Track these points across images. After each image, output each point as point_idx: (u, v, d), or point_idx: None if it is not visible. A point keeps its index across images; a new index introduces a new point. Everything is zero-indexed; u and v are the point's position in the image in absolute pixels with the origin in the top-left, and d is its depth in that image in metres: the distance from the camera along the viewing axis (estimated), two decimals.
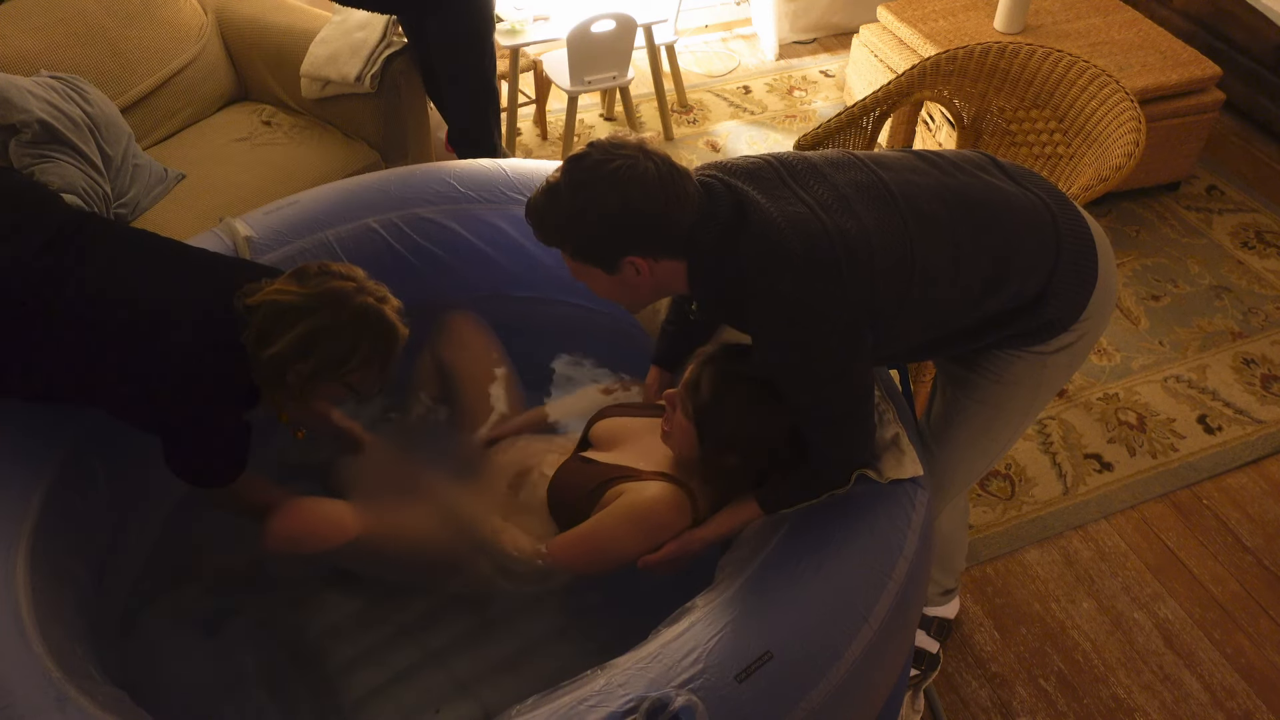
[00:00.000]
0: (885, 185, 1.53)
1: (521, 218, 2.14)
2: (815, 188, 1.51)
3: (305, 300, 1.64)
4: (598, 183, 1.43)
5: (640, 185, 1.42)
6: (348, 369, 1.67)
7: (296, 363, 1.63)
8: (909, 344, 1.63)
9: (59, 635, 1.51)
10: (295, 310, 1.63)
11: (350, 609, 1.88)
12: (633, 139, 1.47)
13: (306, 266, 1.70)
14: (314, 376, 1.66)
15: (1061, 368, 1.71)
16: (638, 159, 1.44)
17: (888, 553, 1.54)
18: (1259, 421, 2.79)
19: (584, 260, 1.51)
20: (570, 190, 1.45)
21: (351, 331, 1.65)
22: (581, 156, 1.46)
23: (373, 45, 2.86)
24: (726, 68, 4.29)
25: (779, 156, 1.58)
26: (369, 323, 1.66)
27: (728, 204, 1.48)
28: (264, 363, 1.64)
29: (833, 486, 1.60)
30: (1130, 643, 2.29)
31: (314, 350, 1.63)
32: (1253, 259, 3.33)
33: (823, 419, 1.55)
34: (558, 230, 1.49)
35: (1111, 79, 2.36)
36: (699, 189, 1.49)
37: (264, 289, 1.66)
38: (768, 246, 1.45)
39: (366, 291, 1.67)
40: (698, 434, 1.69)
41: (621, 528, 1.71)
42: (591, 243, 1.48)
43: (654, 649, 1.43)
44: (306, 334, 1.62)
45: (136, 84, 2.83)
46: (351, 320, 1.64)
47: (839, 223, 1.46)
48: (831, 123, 2.49)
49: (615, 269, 1.49)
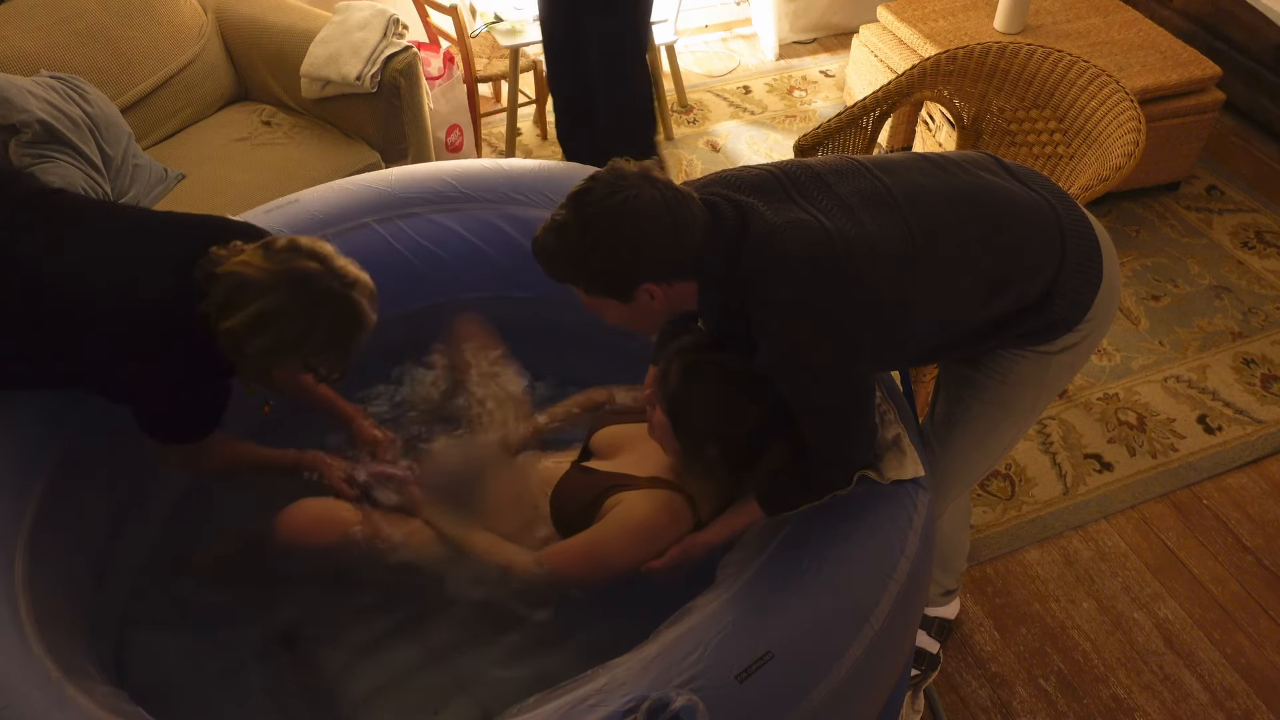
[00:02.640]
0: (889, 190, 1.53)
1: (522, 218, 2.17)
2: (818, 198, 1.51)
3: (266, 277, 1.58)
4: (606, 217, 1.42)
5: (649, 215, 1.42)
6: (305, 351, 1.62)
7: (253, 339, 1.59)
8: (915, 348, 1.63)
9: (59, 635, 1.51)
10: (255, 286, 1.58)
11: (350, 609, 1.88)
12: (633, 168, 1.47)
13: (274, 240, 1.65)
14: (270, 354, 1.61)
15: (1065, 367, 1.72)
16: (643, 189, 1.43)
17: (889, 553, 1.54)
18: (1259, 421, 2.79)
19: (598, 294, 1.50)
20: (579, 227, 1.44)
21: (310, 315, 1.59)
22: (585, 191, 1.45)
23: (373, 45, 2.86)
24: (726, 68, 4.29)
25: (782, 167, 1.58)
26: (329, 307, 1.60)
27: (732, 220, 1.48)
28: (222, 334, 1.60)
29: (834, 488, 1.60)
30: (1130, 643, 2.29)
31: (269, 329, 1.58)
32: (1253, 259, 3.33)
33: (824, 421, 1.55)
34: (570, 268, 1.48)
35: (1111, 79, 2.37)
36: (703, 209, 1.48)
37: (230, 258, 1.62)
38: (768, 252, 1.45)
39: (332, 274, 1.62)
40: (673, 428, 1.68)
41: (619, 538, 1.70)
42: (605, 277, 1.47)
43: (655, 649, 1.43)
44: (262, 313, 1.57)
45: (136, 84, 2.83)
46: (311, 303, 1.59)
47: (840, 226, 1.47)
48: (831, 123, 2.49)
49: (630, 298, 1.49)
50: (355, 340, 1.65)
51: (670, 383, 1.67)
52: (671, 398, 1.67)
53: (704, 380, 1.65)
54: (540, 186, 2.19)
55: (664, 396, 1.68)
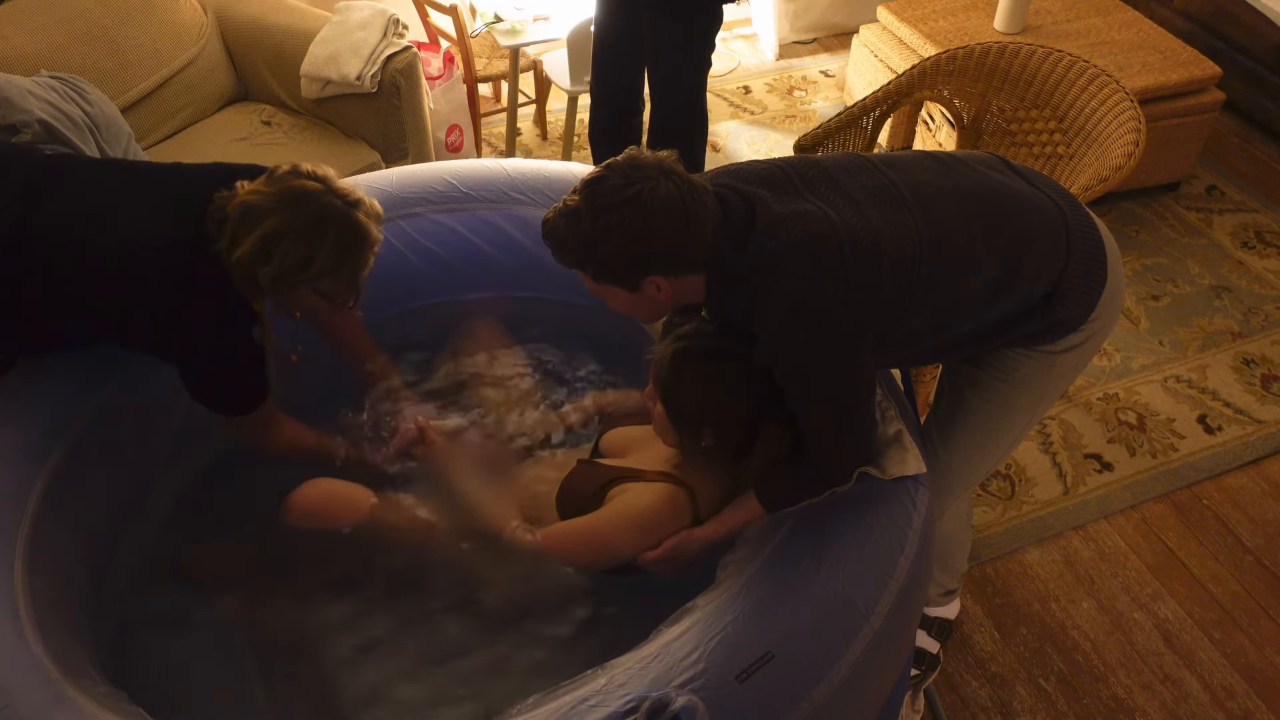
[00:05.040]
0: (896, 186, 1.53)
1: (523, 217, 2.17)
2: (825, 192, 1.51)
3: (267, 200, 1.57)
4: (619, 208, 1.42)
5: (662, 208, 1.42)
6: (312, 273, 1.60)
7: (261, 266, 1.57)
8: (918, 346, 1.63)
9: (59, 635, 1.51)
10: (258, 211, 1.57)
11: (350, 609, 1.87)
12: (650, 158, 1.47)
13: (277, 167, 1.64)
14: (280, 281, 1.59)
15: (1069, 368, 1.72)
16: (657, 181, 1.43)
17: (889, 553, 1.54)
18: (1259, 421, 2.79)
19: (605, 281, 1.51)
20: (591, 215, 1.44)
21: (312, 234, 1.57)
22: (600, 179, 1.45)
23: (373, 45, 2.86)
24: (726, 68, 4.29)
25: (790, 161, 1.58)
26: (331, 224, 1.58)
27: (740, 211, 1.49)
28: (234, 267, 1.58)
29: (833, 484, 1.60)
30: (1130, 643, 2.29)
31: (275, 252, 1.56)
32: (1253, 259, 3.33)
33: (823, 415, 1.55)
34: (579, 255, 1.49)
35: (1111, 79, 2.37)
36: (715, 203, 1.48)
37: (237, 193, 1.61)
38: (773, 242, 1.45)
39: (334, 193, 1.60)
40: (666, 414, 1.69)
41: (619, 525, 1.71)
42: (614, 266, 1.48)
43: (655, 649, 1.43)
44: (266, 235, 1.56)
45: (136, 84, 2.83)
46: (312, 221, 1.57)
47: (846, 220, 1.47)
48: (831, 123, 2.49)
49: (636, 289, 1.50)
50: (360, 259, 1.63)
51: (662, 367, 1.68)
52: (663, 381, 1.68)
53: (691, 361, 1.66)
54: (542, 186, 2.19)
55: (656, 381, 1.69)
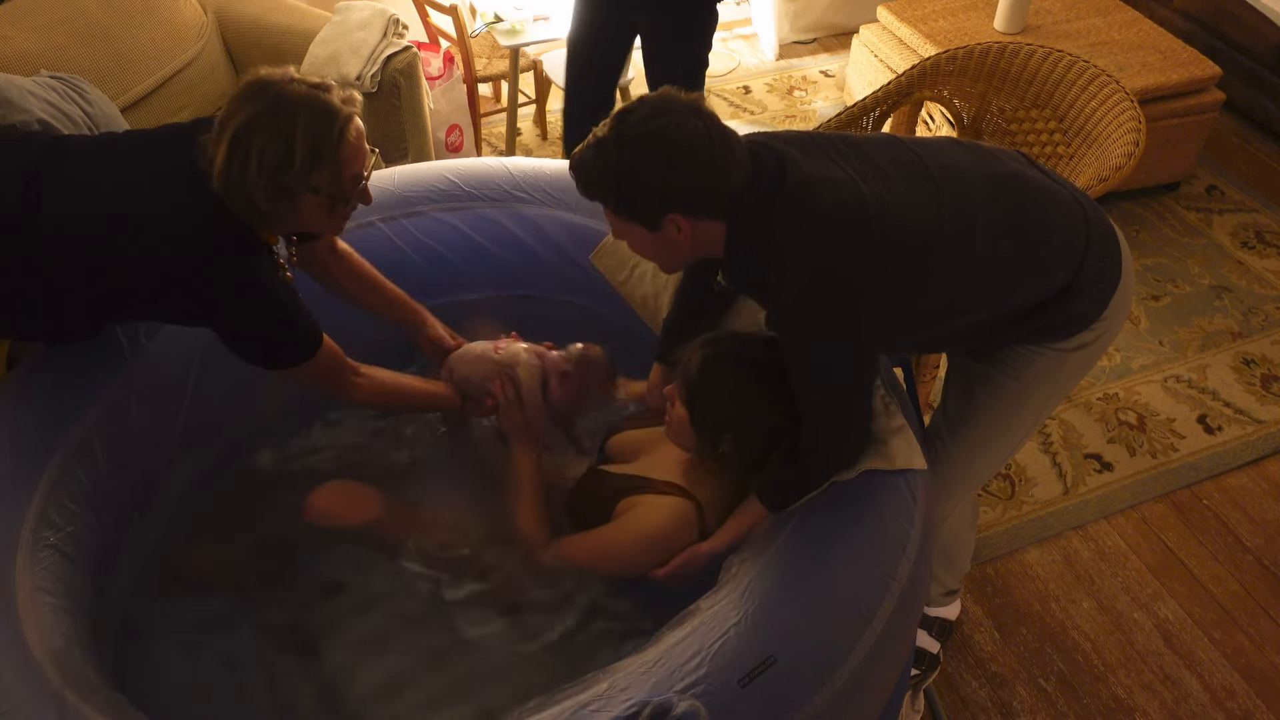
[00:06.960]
0: (924, 164, 1.53)
1: (525, 216, 2.16)
2: (855, 162, 1.51)
3: (231, 104, 1.51)
4: (645, 139, 1.42)
5: (688, 144, 1.42)
6: (298, 165, 1.51)
7: (244, 173, 1.49)
8: (932, 330, 1.62)
9: (58, 639, 1.51)
10: (224, 119, 1.51)
11: (350, 609, 1.88)
12: (683, 97, 1.46)
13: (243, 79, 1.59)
14: (273, 186, 1.51)
15: (1079, 366, 1.72)
16: (687, 117, 1.43)
17: (891, 554, 1.54)
18: (1259, 421, 2.79)
19: (626, 216, 1.50)
20: (618, 146, 1.43)
21: (280, 119, 1.49)
22: (630, 112, 1.45)
23: (373, 45, 2.86)
24: (726, 68, 4.28)
25: (819, 132, 1.58)
26: (299, 107, 1.50)
27: (771, 169, 1.48)
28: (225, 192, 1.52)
29: (832, 472, 1.59)
30: (1130, 643, 2.29)
31: (251, 149, 1.48)
32: (1253, 259, 3.33)
33: (823, 395, 1.54)
34: (602, 185, 1.48)
35: (1111, 79, 2.37)
36: (747, 153, 1.48)
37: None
38: (800, 205, 1.45)
39: (292, 80, 1.52)
40: (690, 418, 1.68)
41: (630, 543, 1.71)
42: (636, 199, 1.47)
43: (657, 653, 1.42)
44: (236, 133, 1.49)
45: (136, 84, 2.83)
46: (276, 106, 1.49)
47: (875, 190, 1.47)
48: (831, 123, 2.49)
49: (657, 227, 1.48)
50: (339, 137, 1.54)
51: (691, 370, 1.67)
52: (690, 384, 1.67)
53: (724, 369, 1.66)
54: (544, 184, 2.19)
55: (683, 384, 1.68)
